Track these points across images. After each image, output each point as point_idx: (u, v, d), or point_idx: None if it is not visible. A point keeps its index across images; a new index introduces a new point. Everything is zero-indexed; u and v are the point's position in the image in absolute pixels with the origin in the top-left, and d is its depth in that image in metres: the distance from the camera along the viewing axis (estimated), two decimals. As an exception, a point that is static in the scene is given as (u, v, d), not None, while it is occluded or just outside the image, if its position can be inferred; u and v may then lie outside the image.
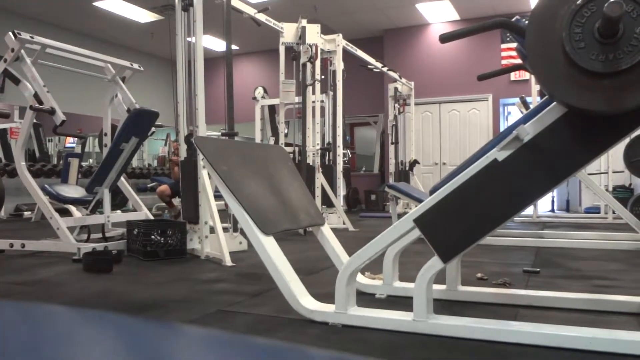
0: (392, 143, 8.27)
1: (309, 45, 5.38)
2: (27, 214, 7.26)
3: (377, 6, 8.54)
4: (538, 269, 2.97)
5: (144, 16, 8.71)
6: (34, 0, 7.89)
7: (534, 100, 6.08)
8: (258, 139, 7.11)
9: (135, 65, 4.51)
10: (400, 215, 2.25)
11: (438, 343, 1.70)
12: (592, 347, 1.57)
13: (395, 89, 8.23)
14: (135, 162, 9.75)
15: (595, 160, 1.70)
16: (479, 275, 2.79)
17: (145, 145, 10.50)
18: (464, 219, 1.73)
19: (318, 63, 5.56)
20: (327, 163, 6.39)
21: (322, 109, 6.56)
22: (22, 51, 3.66)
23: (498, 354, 1.60)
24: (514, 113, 9.04)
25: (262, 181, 2.21)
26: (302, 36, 5.47)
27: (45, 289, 2.66)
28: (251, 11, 4.97)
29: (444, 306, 2.10)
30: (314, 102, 5.70)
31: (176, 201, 5.95)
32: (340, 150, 6.41)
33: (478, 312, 2.06)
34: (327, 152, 6.49)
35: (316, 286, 2.40)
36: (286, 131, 6.30)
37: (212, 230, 3.62)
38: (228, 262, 3.31)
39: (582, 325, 1.74)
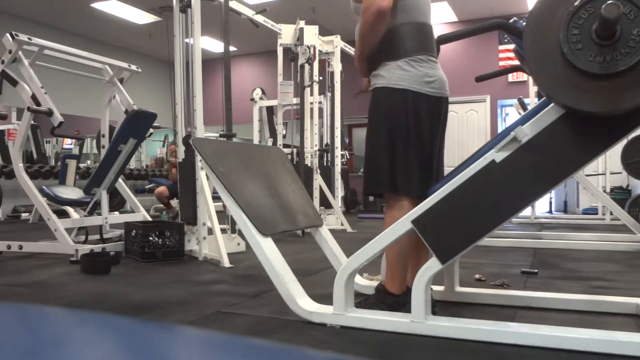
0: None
1: (307, 47, 5.38)
2: (24, 215, 7.24)
3: (375, 8, 8.53)
4: (536, 270, 2.98)
5: (142, 17, 8.70)
6: (32, 2, 7.88)
7: (532, 101, 6.08)
8: (256, 141, 7.11)
9: (133, 67, 4.50)
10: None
11: (436, 344, 1.70)
12: (590, 348, 1.57)
13: (394, 90, 8.21)
14: (133, 164, 9.72)
15: (593, 161, 1.70)
16: (477, 276, 2.79)
17: (143, 146, 10.48)
18: (462, 220, 1.73)
19: (316, 64, 5.57)
20: (325, 164, 6.39)
21: (320, 110, 6.56)
22: (20, 53, 3.65)
23: (496, 355, 1.60)
24: (512, 114, 9.05)
25: (260, 182, 2.21)
26: (300, 37, 5.48)
27: (42, 290, 2.65)
28: (249, 12, 4.97)
29: (442, 307, 2.10)
30: (312, 103, 5.69)
31: (174, 202, 5.94)
32: (338, 152, 6.41)
33: (476, 313, 2.06)
34: (325, 154, 6.49)
35: (314, 287, 2.40)
36: (284, 132, 6.30)
37: (210, 231, 3.62)
38: (226, 263, 3.31)
39: (580, 326, 1.75)
